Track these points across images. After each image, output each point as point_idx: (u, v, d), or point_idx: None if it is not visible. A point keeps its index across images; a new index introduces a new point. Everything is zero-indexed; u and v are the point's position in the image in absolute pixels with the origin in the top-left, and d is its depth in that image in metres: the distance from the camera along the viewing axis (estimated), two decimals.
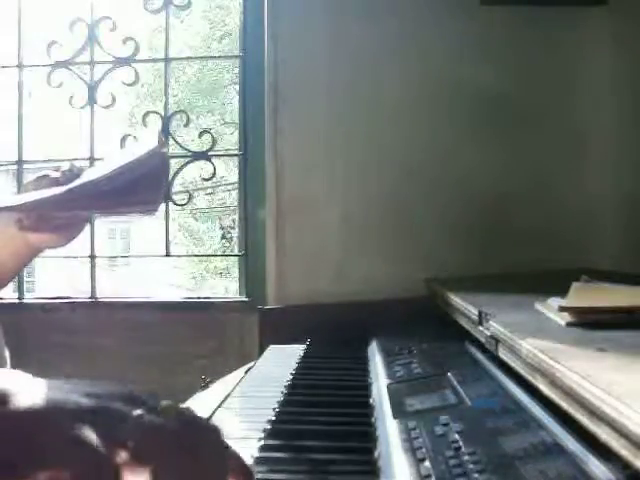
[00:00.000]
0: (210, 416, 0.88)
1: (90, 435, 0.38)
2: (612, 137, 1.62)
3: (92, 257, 1.85)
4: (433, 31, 1.64)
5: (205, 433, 0.43)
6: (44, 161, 2.02)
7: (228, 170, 9.28)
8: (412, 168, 1.65)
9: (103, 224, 10.80)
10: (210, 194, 11.56)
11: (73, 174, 0.92)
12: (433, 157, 1.65)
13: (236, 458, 0.44)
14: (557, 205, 1.63)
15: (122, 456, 0.38)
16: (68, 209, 0.91)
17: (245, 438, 0.82)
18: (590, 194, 1.63)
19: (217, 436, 0.43)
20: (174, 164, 1.88)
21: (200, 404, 1.10)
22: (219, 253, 15.30)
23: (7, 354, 1.08)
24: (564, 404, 0.64)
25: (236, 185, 1.96)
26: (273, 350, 1.42)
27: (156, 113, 1.82)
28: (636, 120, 1.58)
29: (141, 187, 0.89)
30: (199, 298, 1.90)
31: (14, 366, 1.09)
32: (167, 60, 1.85)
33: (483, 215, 1.62)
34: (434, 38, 1.64)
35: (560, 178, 1.64)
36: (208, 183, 9.76)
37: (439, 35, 1.64)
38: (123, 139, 1.80)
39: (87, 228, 1.07)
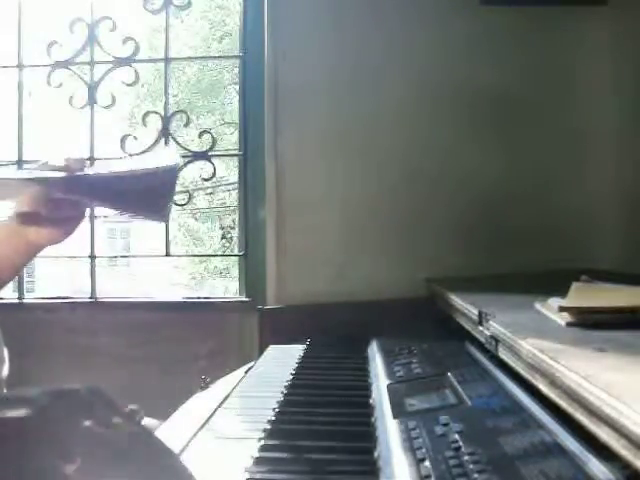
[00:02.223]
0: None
1: (35, 447, 0.38)
2: (612, 137, 1.62)
3: (92, 257, 1.85)
4: (433, 31, 1.64)
5: (155, 453, 0.43)
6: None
7: (228, 170, 9.28)
8: (412, 168, 1.65)
9: (103, 224, 10.81)
10: (210, 194, 11.56)
11: (80, 164, 0.92)
12: (433, 157, 1.65)
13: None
14: (557, 205, 1.63)
15: (68, 468, 0.39)
16: (75, 194, 0.91)
17: (245, 438, 0.82)
18: (590, 194, 1.63)
19: (168, 457, 0.43)
20: None
21: (200, 404, 1.10)
22: (219, 253, 15.30)
23: (6, 354, 1.08)
24: (564, 404, 0.64)
25: (236, 185, 1.96)
26: (273, 350, 1.42)
27: (156, 113, 1.82)
28: (636, 120, 1.58)
29: (150, 197, 0.90)
30: (199, 298, 1.90)
31: (14, 366, 1.09)
32: (167, 60, 1.85)
33: (483, 215, 1.62)
34: (434, 38, 1.64)
35: (560, 178, 1.64)
36: (208, 183, 9.77)
37: (439, 35, 1.64)
38: (123, 139, 1.80)
39: (86, 228, 1.07)
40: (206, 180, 1.92)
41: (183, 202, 2.03)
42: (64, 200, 0.93)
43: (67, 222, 0.97)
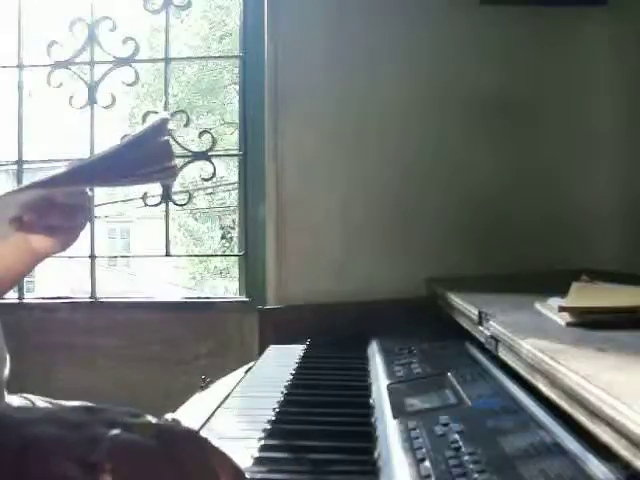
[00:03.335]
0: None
1: (65, 464, 0.39)
2: (612, 137, 1.62)
3: (92, 257, 1.85)
4: (432, 31, 1.64)
5: (185, 445, 0.43)
6: (44, 161, 2.02)
7: (228, 170, 9.28)
8: (412, 168, 1.65)
9: (103, 224, 10.80)
10: (210, 194, 11.56)
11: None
12: (434, 157, 1.65)
13: (226, 461, 0.44)
14: (557, 205, 1.63)
15: (103, 478, 0.39)
16: (77, 184, 0.90)
17: (245, 438, 0.82)
18: (590, 194, 1.63)
19: (199, 446, 0.43)
20: None
21: (200, 404, 1.10)
22: (219, 253, 15.30)
23: (7, 355, 1.08)
24: (564, 404, 0.64)
25: (236, 185, 1.96)
26: (273, 350, 1.42)
27: (156, 113, 1.82)
28: (636, 120, 1.58)
29: (151, 158, 0.89)
30: (199, 298, 1.90)
31: (13, 366, 1.09)
32: (167, 60, 1.85)
33: (484, 215, 1.62)
34: (434, 38, 1.64)
35: (560, 179, 1.64)
36: (208, 183, 9.77)
37: (438, 35, 1.64)
38: (123, 139, 1.79)
39: (86, 228, 1.06)
40: (206, 180, 1.93)
41: (183, 202, 2.03)
42: (63, 207, 0.92)
43: (68, 230, 0.97)
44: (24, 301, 1.83)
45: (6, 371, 1.07)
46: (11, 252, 0.99)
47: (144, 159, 0.89)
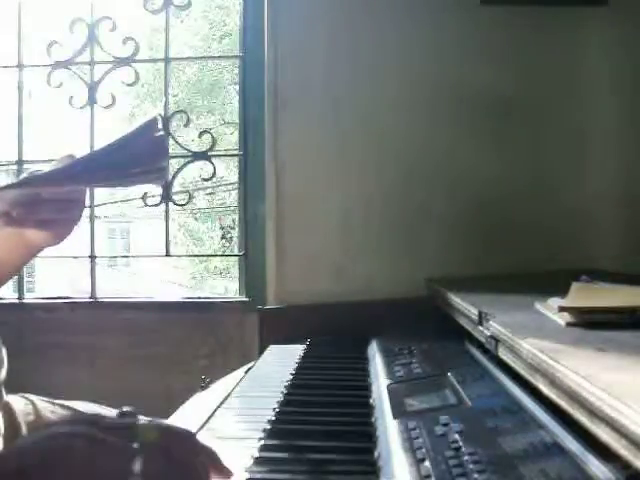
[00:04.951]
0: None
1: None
2: (612, 137, 1.62)
3: (92, 257, 1.85)
4: (433, 31, 1.64)
5: (181, 445, 0.46)
6: (44, 161, 2.02)
7: (228, 170, 9.28)
8: (412, 168, 1.65)
9: (103, 224, 10.80)
10: (210, 194, 11.56)
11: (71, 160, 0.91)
12: (433, 157, 1.65)
13: (213, 457, 0.47)
14: (557, 205, 1.63)
15: None
16: (66, 184, 0.89)
17: (245, 438, 0.82)
18: (590, 194, 1.63)
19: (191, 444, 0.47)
20: (174, 164, 1.88)
21: (200, 404, 1.10)
22: (219, 253, 15.31)
23: (5, 356, 1.08)
24: (564, 404, 0.64)
25: (236, 185, 1.96)
26: (273, 350, 1.42)
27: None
28: (635, 120, 1.58)
29: (144, 158, 0.89)
30: (199, 298, 1.90)
31: (14, 366, 1.09)
32: (167, 60, 1.85)
33: (483, 215, 1.62)
34: (434, 38, 1.64)
35: (560, 178, 1.64)
36: (208, 183, 9.77)
37: (439, 35, 1.64)
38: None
39: (86, 228, 1.06)
40: (206, 180, 1.93)
41: (183, 202, 2.03)
42: (54, 201, 0.92)
43: (61, 222, 0.96)
44: (24, 301, 1.83)
45: (4, 371, 1.07)
46: (4, 244, 0.99)
47: (134, 160, 0.88)
